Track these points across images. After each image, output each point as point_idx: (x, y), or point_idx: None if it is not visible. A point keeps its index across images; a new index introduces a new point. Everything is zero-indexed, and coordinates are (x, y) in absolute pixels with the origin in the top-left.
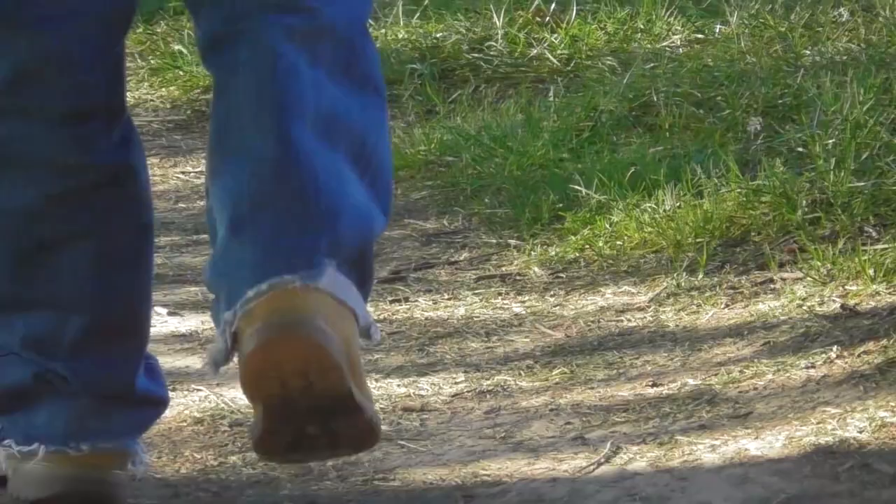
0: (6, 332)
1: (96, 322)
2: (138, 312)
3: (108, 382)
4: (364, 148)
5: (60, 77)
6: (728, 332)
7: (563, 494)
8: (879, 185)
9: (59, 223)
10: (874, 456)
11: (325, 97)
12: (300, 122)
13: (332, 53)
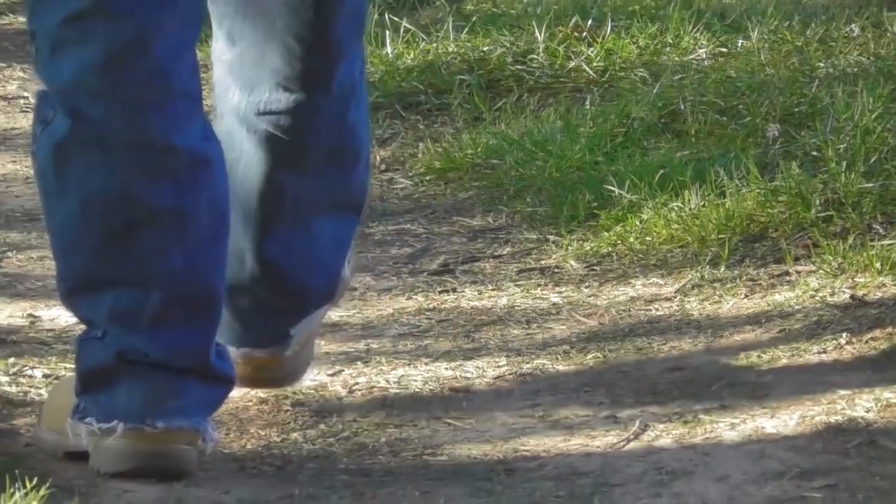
0: (94, 309)
1: (176, 297)
2: (214, 289)
3: (184, 355)
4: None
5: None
6: (747, 321)
7: (595, 468)
8: (887, 186)
9: (147, 203)
10: (880, 433)
11: None
12: None
13: None
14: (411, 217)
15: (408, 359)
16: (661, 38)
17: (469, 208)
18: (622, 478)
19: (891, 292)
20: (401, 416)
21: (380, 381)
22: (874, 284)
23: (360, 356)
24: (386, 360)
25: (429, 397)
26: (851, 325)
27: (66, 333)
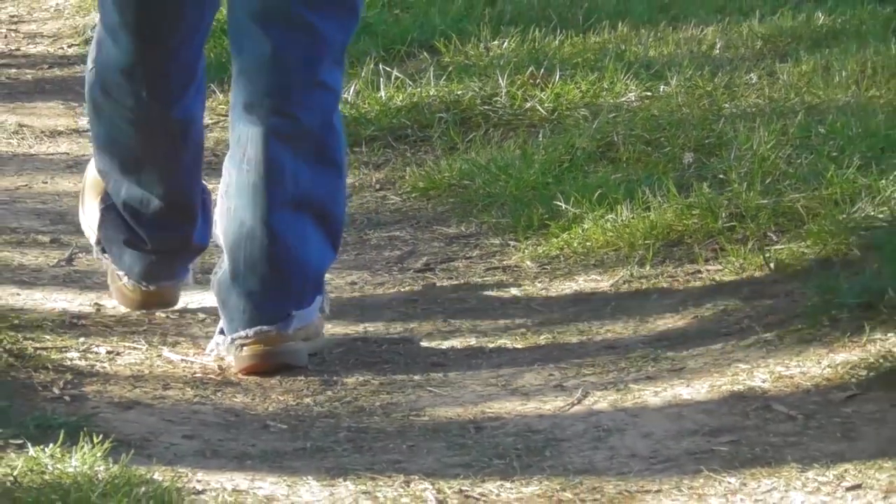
0: (115, 192)
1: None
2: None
3: (171, 243)
4: (324, 209)
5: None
6: (667, 309)
7: (546, 426)
8: (779, 202)
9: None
10: (773, 399)
11: (301, 183)
12: (279, 210)
13: (307, 147)
14: (400, 226)
15: (397, 339)
16: (599, 84)
17: (446, 219)
18: (568, 434)
19: (781, 287)
20: (391, 385)
21: (375, 356)
22: (768, 281)
23: (359, 337)
24: (379, 340)
25: (414, 370)
26: (750, 312)
27: (125, 318)
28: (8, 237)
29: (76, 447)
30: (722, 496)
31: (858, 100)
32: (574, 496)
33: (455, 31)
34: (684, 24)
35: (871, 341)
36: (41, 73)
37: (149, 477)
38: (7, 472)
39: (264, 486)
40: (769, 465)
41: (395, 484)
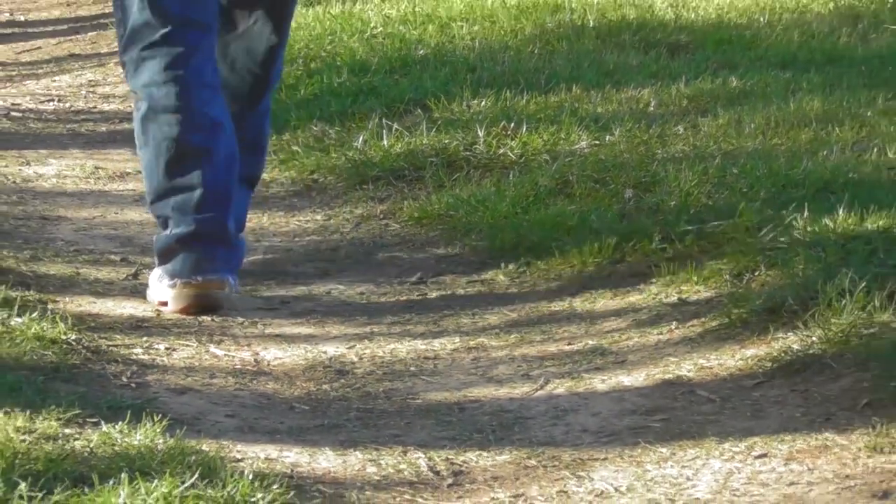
0: (164, 208)
1: (209, 192)
2: (229, 189)
3: (215, 228)
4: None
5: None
6: (612, 314)
7: (516, 407)
8: (701, 228)
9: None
10: (696, 386)
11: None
12: None
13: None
14: (399, 248)
15: (396, 338)
16: (557, 134)
17: (436, 242)
18: (533, 413)
19: (703, 296)
20: (392, 374)
21: (379, 352)
22: (693, 291)
23: (366, 336)
24: (383, 339)
25: (410, 362)
26: (678, 316)
27: (180, 322)
28: (86, 257)
29: (140, 425)
30: (655, 463)
31: (764, 147)
32: (538, 463)
33: (443, 93)
34: (625, 87)
35: (775, 339)
36: (113, 127)
37: (198, 448)
38: (85, 444)
39: (290, 455)
40: (693, 438)
41: (394, 453)
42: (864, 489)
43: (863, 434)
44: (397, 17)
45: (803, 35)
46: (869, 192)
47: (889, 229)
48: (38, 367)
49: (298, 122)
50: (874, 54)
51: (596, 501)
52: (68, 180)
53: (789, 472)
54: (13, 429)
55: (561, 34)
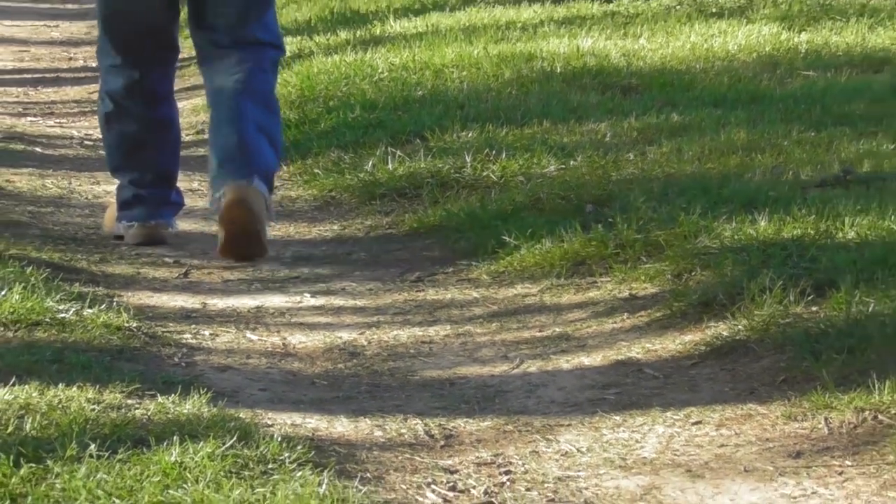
0: (123, 178)
1: (157, 175)
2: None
3: (162, 197)
4: (272, 136)
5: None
6: (575, 307)
7: (496, 383)
8: (647, 237)
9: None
10: (644, 365)
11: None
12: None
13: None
14: (401, 253)
15: (399, 326)
16: (531, 160)
17: (432, 248)
18: (510, 388)
19: (650, 292)
20: (395, 355)
21: (384, 337)
22: (641, 288)
23: (374, 324)
24: (387, 326)
25: (410, 346)
26: (629, 308)
27: (222, 312)
28: (145, 259)
29: (189, 397)
30: (610, 428)
31: (699, 170)
32: (514, 428)
33: (437, 126)
34: (586, 121)
35: (708, 327)
36: None
37: (236, 416)
38: (143, 413)
39: (312, 421)
40: (641, 408)
41: (397, 420)
42: (781, 450)
43: (780, 405)
44: (400, 64)
45: (732, 79)
46: (785, 208)
47: (801, 238)
48: (106, 350)
49: (319, 150)
50: (789, 94)
51: (562, 460)
52: None
53: (720, 436)
54: (84, 399)
55: (534, 78)
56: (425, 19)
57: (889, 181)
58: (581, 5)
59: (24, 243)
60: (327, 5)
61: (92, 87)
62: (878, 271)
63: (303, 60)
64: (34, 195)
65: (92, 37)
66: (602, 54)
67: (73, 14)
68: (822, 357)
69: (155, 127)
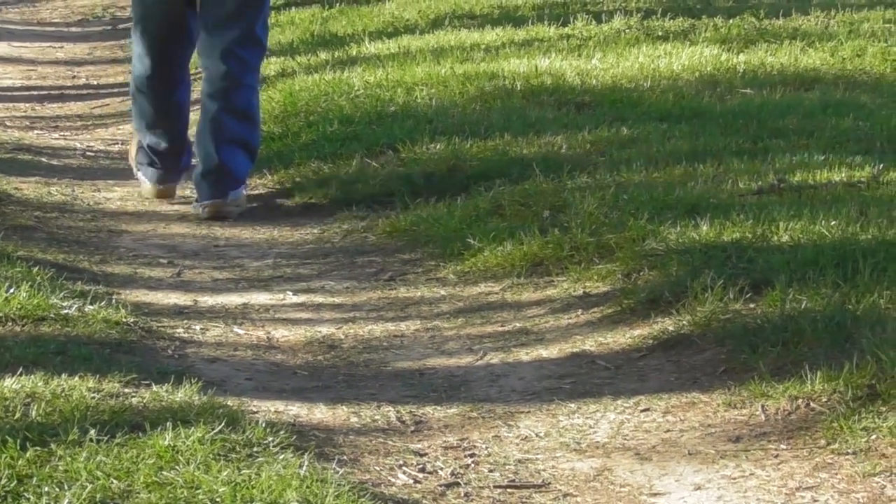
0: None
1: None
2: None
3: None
4: (249, 142)
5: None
6: (534, 304)
7: (462, 374)
8: (599, 240)
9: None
10: (597, 357)
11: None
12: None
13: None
14: (375, 255)
15: (373, 321)
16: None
17: (403, 250)
18: (475, 378)
19: (602, 290)
20: (370, 348)
21: (359, 332)
22: (594, 287)
23: (350, 320)
24: (363, 322)
25: (383, 339)
26: (583, 305)
27: (212, 308)
28: (142, 260)
29: (181, 386)
30: (566, 415)
31: (647, 179)
32: (478, 415)
33: (408, 138)
34: (543, 135)
35: (655, 323)
36: None
37: (224, 403)
38: (139, 401)
39: (293, 408)
40: (594, 396)
41: (371, 407)
42: (722, 435)
43: (721, 394)
44: (374, 82)
45: (676, 96)
46: (725, 213)
47: (740, 241)
48: (105, 343)
49: (300, 160)
50: (729, 110)
51: (522, 444)
52: (129, 203)
53: (666, 422)
54: (85, 388)
55: (496, 95)
56: (397, 41)
57: (819, 189)
58: (539, 28)
59: (31, 245)
60: (308, 29)
61: (93, 102)
62: (810, 271)
63: (285, 79)
64: (40, 201)
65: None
66: (558, 73)
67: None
68: (758, 350)
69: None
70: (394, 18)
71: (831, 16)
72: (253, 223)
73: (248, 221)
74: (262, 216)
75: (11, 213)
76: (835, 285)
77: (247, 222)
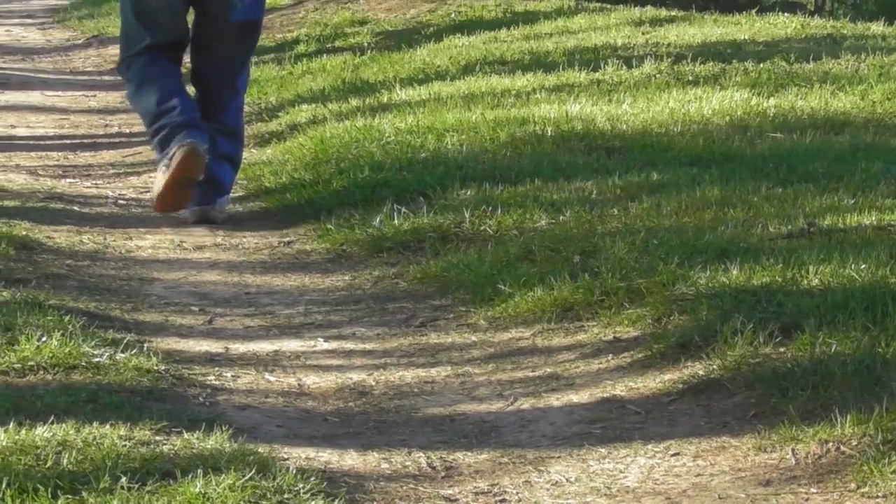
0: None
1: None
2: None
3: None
4: (234, 158)
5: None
6: (564, 349)
7: (493, 419)
8: (630, 285)
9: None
10: (627, 402)
11: (227, 148)
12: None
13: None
14: (406, 301)
15: (404, 367)
16: (524, 215)
17: (434, 296)
18: (505, 423)
19: (632, 335)
20: (400, 394)
21: (390, 378)
22: (624, 331)
23: (381, 366)
24: (394, 368)
25: (414, 385)
26: (613, 350)
27: (243, 356)
28: (173, 308)
29: (212, 433)
30: (596, 460)
31: (677, 224)
32: (509, 460)
33: (439, 185)
34: (574, 180)
35: (685, 367)
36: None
37: (255, 450)
38: (171, 448)
39: (324, 455)
40: (624, 441)
41: (402, 453)
42: (752, 479)
43: (751, 438)
44: (405, 129)
45: (706, 140)
46: (755, 257)
47: (769, 285)
48: (136, 390)
49: (331, 207)
50: (759, 154)
51: (552, 489)
52: (160, 251)
53: (696, 466)
54: (117, 436)
55: (527, 141)
56: (428, 88)
57: (849, 233)
58: (569, 74)
59: (63, 294)
60: (339, 76)
61: (125, 150)
62: (840, 315)
63: (316, 126)
64: (72, 250)
65: (126, 106)
66: (589, 118)
67: (109, 85)
68: (788, 393)
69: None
70: (425, 65)
71: (861, 59)
72: (284, 270)
73: (278, 268)
74: (292, 263)
75: (43, 261)
76: (864, 328)
77: (278, 269)
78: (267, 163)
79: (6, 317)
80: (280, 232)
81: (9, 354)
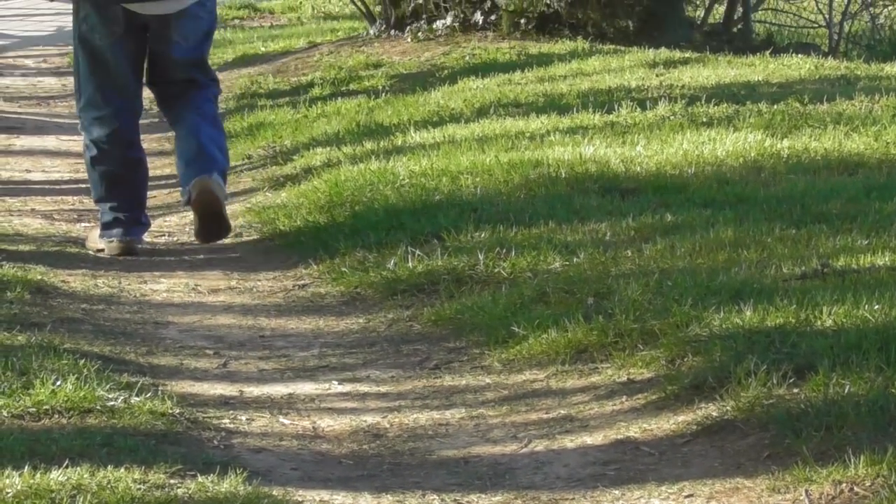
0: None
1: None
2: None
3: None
4: (221, 146)
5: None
6: (578, 391)
7: (507, 461)
8: (643, 326)
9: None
10: (641, 443)
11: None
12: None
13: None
14: (420, 343)
15: (418, 409)
16: (538, 257)
17: (448, 338)
18: (519, 465)
19: (646, 376)
20: (415, 436)
21: (405, 421)
22: (638, 373)
23: (395, 409)
24: (408, 410)
25: (428, 428)
26: (627, 392)
27: (258, 399)
28: (188, 351)
29: (226, 476)
30: (610, 502)
31: (691, 265)
32: (523, 502)
33: (453, 227)
34: (588, 222)
35: (699, 408)
36: (209, 255)
37: (269, 493)
38: (185, 491)
39: (339, 497)
40: (638, 482)
41: (416, 495)
42: None
43: (765, 479)
44: (420, 172)
45: (720, 182)
46: (768, 298)
47: (783, 326)
48: (151, 434)
49: (345, 250)
50: (773, 196)
51: None
52: (175, 294)
53: None
54: (131, 480)
55: (540, 183)
56: (442, 130)
57: (863, 274)
58: (584, 116)
59: (78, 337)
60: (354, 119)
61: None
62: (853, 356)
63: (331, 169)
64: (87, 293)
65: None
66: (602, 160)
67: None
68: (802, 434)
69: (130, 166)
70: (439, 108)
71: (875, 100)
72: (298, 313)
73: (293, 312)
74: (307, 306)
75: (59, 305)
76: (878, 369)
77: (292, 313)
78: (282, 206)
79: (22, 361)
80: (295, 275)
81: (24, 398)
